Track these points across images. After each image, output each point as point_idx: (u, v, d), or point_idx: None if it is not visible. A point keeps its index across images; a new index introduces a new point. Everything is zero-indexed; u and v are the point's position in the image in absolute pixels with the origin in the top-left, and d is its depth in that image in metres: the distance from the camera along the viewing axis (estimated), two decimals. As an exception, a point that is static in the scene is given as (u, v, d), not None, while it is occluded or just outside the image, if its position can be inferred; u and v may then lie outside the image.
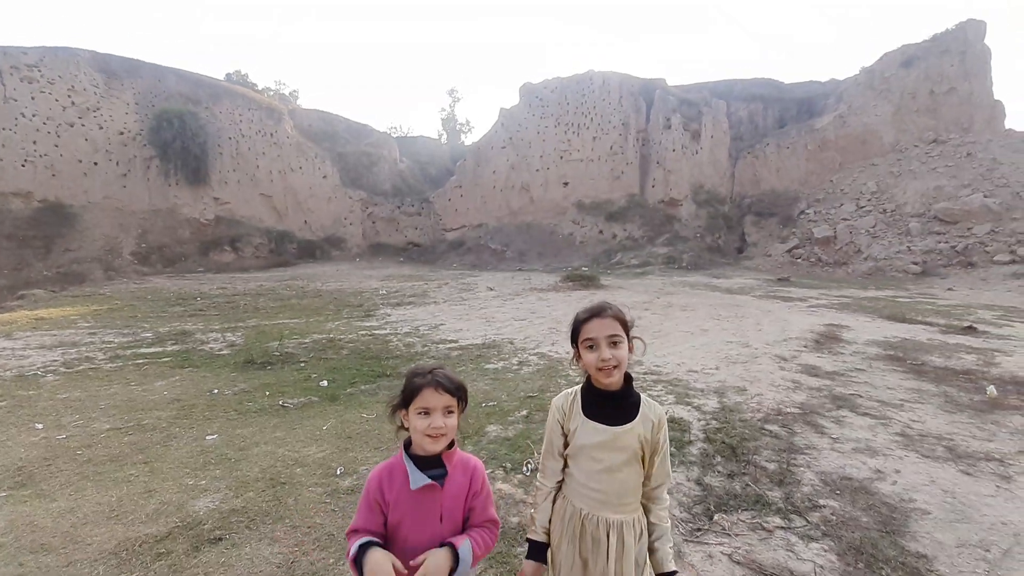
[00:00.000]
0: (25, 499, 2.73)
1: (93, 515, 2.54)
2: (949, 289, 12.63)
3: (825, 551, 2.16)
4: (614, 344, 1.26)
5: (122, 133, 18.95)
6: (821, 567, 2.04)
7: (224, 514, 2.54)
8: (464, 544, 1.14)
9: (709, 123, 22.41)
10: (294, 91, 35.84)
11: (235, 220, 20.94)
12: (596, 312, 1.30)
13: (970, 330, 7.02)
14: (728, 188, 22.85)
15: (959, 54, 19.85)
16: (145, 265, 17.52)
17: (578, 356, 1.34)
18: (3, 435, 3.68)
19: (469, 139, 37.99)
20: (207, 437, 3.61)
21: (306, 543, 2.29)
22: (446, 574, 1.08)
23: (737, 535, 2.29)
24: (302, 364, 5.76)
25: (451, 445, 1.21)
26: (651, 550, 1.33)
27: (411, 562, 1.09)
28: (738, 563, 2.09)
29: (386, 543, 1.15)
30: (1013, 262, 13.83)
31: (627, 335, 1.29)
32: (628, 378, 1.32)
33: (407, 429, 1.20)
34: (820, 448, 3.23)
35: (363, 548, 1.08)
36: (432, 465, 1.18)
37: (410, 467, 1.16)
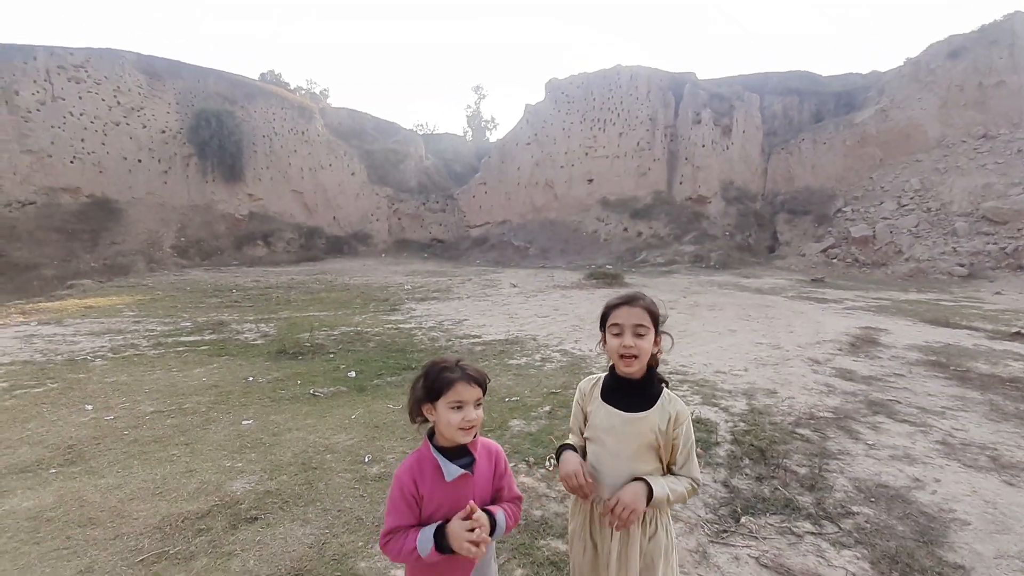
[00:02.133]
0: (75, 475, 2.91)
1: (139, 492, 2.69)
2: (997, 293, 11.93)
3: (858, 559, 2.09)
4: (639, 335, 1.26)
5: (164, 132, 19.83)
6: (853, 574, 1.98)
7: (260, 495, 2.65)
8: (499, 513, 1.20)
9: (741, 117, 21.77)
10: (324, 90, 36.73)
11: (268, 216, 21.64)
12: (628, 300, 1.31)
13: (1019, 336, 6.62)
14: (760, 185, 22.17)
15: (1008, 46, 18.68)
16: (184, 258, 18.32)
17: (604, 341, 1.35)
18: (55, 415, 3.93)
19: (494, 136, 38.12)
20: (243, 422, 3.77)
21: (336, 526, 2.37)
22: (489, 528, 1.14)
23: (765, 538, 2.25)
24: (331, 355, 5.93)
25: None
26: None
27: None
28: (765, 566, 2.05)
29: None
30: (1071, 265, 12.95)
31: (655, 328, 1.29)
32: (651, 370, 1.32)
33: (428, 422, 1.21)
34: (854, 454, 3.13)
35: (440, 528, 1.11)
36: (459, 454, 1.20)
37: (441, 460, 1.18)
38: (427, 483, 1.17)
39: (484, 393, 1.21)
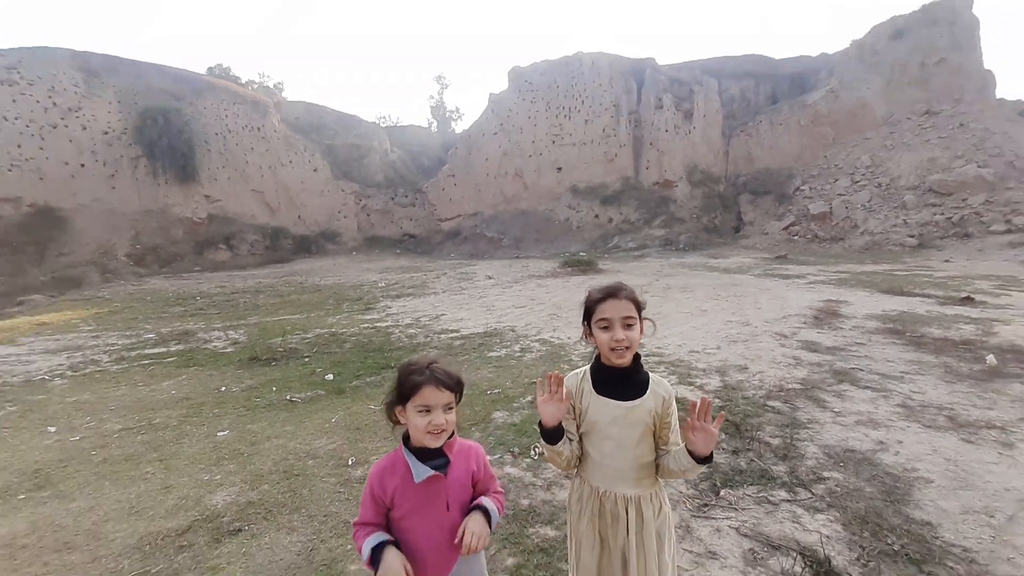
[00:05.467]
0: (44, 500, 2.76)
1: (114, 512, 2.58)
2: (946, 261, 12.71)
3: (831, 521, 2.22)
4: (628, 326, 1.28)
5: (107, 133, 18.62)
6: (827, 537, 2.09)
7: (241, 506, 2.59)
8: (487, 501, 1.23)
9: (701, 102, 22.22)
10: (278, 83, 35.24)
11: (228, 218, 20.75)
12: (611, 293, 1.31)
13: (968, 301, 7.09)
14: (722, 167, 22.76)
15: (948, 24, 19.65)
16: (141, 266, 17.41)
17: (589, 334, 1.35)
18: (17, 439, 3.71)
19: (460, 126, 37.60)
20: (219, 433, 3.65)
21: (323, 531, 2.34)
22: (488, 528, 1.18)
23: (743, 509, 2.35)
24: (306, 359, 5.79)
25: (451, 435, 1.22)
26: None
27: (455, 541, 1.16)
28: (745, 536, 2.15)
29: (392, 534, 1.18)
30: (1009, 231, 13.91)
31: (639, 316, 1.31)
32: (636, 356, 1.34)
33: (402, 424, 1.19)
34: (823, 422, 3.30)
35: (378, 549, 1.12)
36: (433, 455, 1.18)
37: (412, 461, 1.17)
38: (395, 483, 1.16)
39: (460, 396, 1.19)
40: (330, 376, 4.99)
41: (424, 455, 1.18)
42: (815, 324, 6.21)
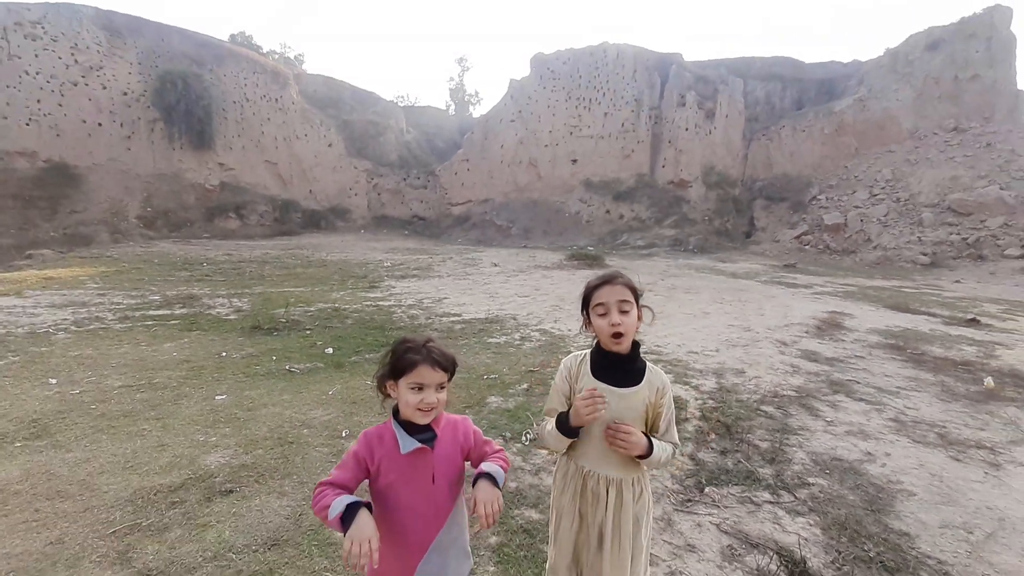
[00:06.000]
0: (40, 449, 2.84)
1: (108, 465, 2.65)
2: (956, 281, 12.54)
3: (810, 525, 2.24)
4: (624, 311, 1.30)
5: (126, 94, 18.68)
6: (805, 539, 2.12)
7: (234, 469, 2.65)
8: (487, 466, 1.22)
9: (725, 102, 21.84)
10: (299, 55, 35.11)
11: (240, 187, 20.84)
12: (608, 279, 1.34)
13: (973, 322, 7.01)
14: (740, 170, 22.46)
15: (985, 40, 19.09)
16: (151, 229, 17.58)
17: (588, 322, 1.37)
18: (17, 389, 3.80)
19: (478, 111, 37.29)
20: (217, 397, 3.72)
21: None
22: (497, 490, 1.17)
23: (726, 507, 2.38)
24: (308, 331, 5.85)
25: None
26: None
27: (472, 512, 1.15)
28: (725, 532, 2.18)
29: (370, 502, 1.17)
30: (1023, 256, 13.67)
31: (637, 303, 1.33)
32: (636, 345, 1.36)
33: (392, 398, 1.20)
34: (813, 430, 3.30)
35: (352, 508, 1.07)
36: (421, 429, 1.20)
37: (400, 433, 1.18)
38: (383, 452, 1.18)
39: (451, 376, 1.21)
40: (330, 350, 5.05)
41: (412, 428, 1.20)
42: (817, 334, 6.17)
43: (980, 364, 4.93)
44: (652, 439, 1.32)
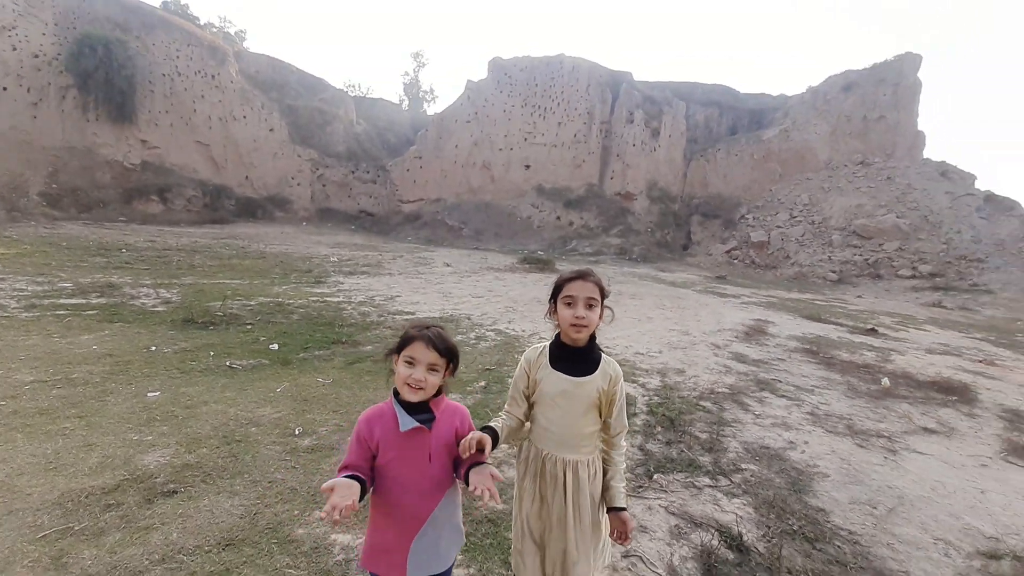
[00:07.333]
0: (-59, 449, 2.50)
1: (28, 466, 2.39)
2: (858, 296, 14.21)
3: (744, 505, 2.51)
4: (590, 306, 1.40)
5: (37, 56, 16.51)
6: (741, 518, 2.37)
7: (177, 468, 2.48)
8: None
9: (669, 122, 23.25)
10: (241, 31, 32.93)
11: (165, 168, 19.09)
12: (582, 275, 1.44)
13: (872, 332, 8.01)
14: (680, 187, 23.96)
15: (893, 85, 21.83)
16: (56, 209, 15.63)
17: (553, 311, 1.47)
18: (-101, 382, 3.29)
19: (432, 108, 36.82)
20: (148, 394, 3.44)
21: (268, 496, 2.30)
22: (489, 469, 1.21)
23: (672, 492, 2.59)
24: (248, 326, 5.52)
25: (438, 393, 1.30)
26: (605, 487, 1.51)
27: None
28: (673, 514, 2.38)
29: (374, 479, 1.23)
30: (913, 277, 15.77)
31: (602, 302, 1.44)
32: (592, 338, 1.47)
33: (395, 374, 1.26)
34: (744, 422, 3.66)
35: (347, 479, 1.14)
36: (421, 411, 1.26)
37: (400, 411, 1.24)
38: (384, 430, 1.23)
39: (448, 363, 1.27)
40: (275, 346, 4.81)
41: (412, 409, 1.24)
42: (745, 339, 6.77)
43: (878, 367, 5.66)
44: (620, 496, 1.50)
